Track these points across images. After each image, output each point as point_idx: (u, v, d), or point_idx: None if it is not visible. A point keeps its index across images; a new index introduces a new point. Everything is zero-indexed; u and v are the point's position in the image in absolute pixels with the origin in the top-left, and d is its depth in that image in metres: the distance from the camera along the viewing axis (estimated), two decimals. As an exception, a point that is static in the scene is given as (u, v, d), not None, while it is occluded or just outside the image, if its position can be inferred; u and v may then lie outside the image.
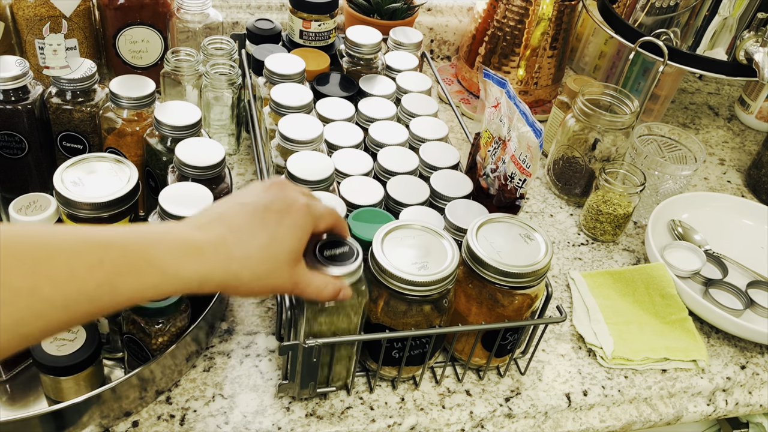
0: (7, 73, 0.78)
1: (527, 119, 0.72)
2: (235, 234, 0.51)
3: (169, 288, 0.48)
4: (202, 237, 0.50)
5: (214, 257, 0.49)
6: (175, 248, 0.48)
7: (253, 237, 0.51)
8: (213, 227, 0.51)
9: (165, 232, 0.49)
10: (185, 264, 0.48)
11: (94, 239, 0.45)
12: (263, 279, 0.52)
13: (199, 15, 1.03)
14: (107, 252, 0.44)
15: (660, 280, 0.88)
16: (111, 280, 0.44)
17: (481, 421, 0.75)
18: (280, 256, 0.53)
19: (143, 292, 0.46)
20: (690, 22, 1.04)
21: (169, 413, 0.69)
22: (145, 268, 0.46)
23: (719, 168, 1.21)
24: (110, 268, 0.44)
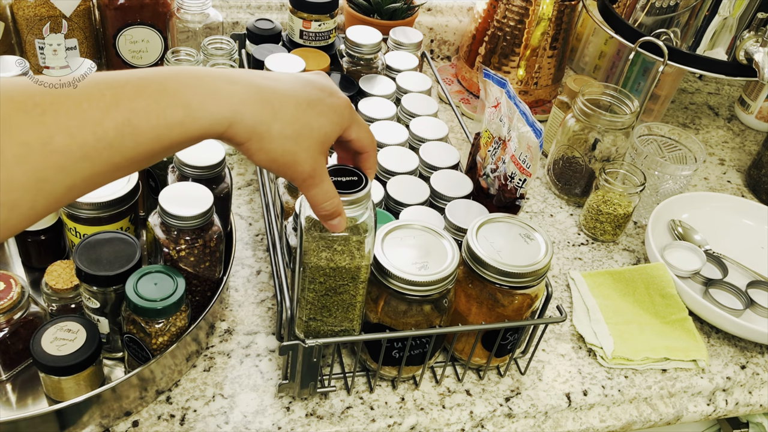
0: (7, 73, 0.78)
1: (527, 119, 0.72)
2: (274, 82, 0.47)
3: (195, 126, 0.43)
4: (237, 73, 0.45)
5: (248, 93, 0.44)
6: (201, 79, 0.43)
7: (292, 95, 0.47)
8: (248, 72, 0.46)
9: (189, 67, 0.44)
10: (214, 95, 0.43)
11: (107, 80, 0.41)
12: (290, 141, 0.47)
13: (199, 15, 1.03)
14: (123, 90, 0.40)
15: (660, 280, 0.88)
16: (130, 120, 0.40)
17: (481, 421, 0.75)
18: (313, 129, 0.48)
19: (168, 131, 0.42)
20: (690, 22, 1.04)
21: (169, 413, 0.69)
22: (166, 103, 0.41)
23: (719, 168, 1.21)
24: (127, 106, 0.40)
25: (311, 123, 0.48)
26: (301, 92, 0.48)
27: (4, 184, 0.37)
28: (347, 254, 0.60)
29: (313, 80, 0.50)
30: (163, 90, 0.42)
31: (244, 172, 1.00)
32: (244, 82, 0.45)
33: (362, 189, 0.55)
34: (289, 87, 0.48)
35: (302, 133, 0.47)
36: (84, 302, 0.69)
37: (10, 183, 0.37)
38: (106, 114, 0.40)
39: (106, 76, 0.41)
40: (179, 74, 0.43)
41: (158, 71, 0.43)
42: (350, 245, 0.59)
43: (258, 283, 0.84)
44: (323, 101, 0.49)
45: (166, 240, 0.68)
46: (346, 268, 0.61)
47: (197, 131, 0.43)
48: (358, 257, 0.60)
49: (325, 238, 0.58)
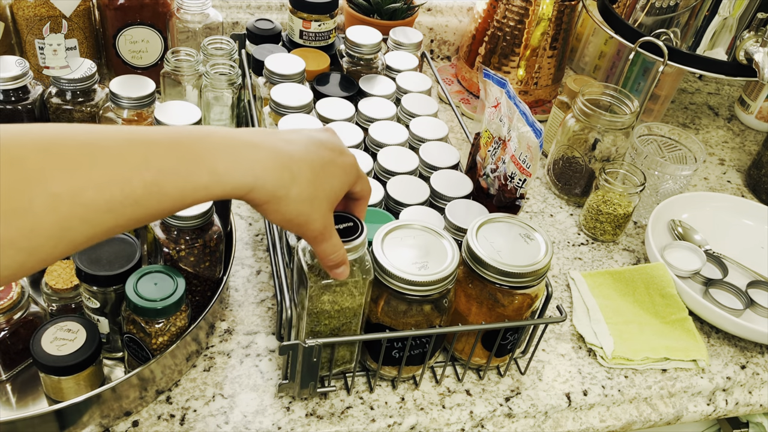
0: (7, 73, 0.78)
1: (527, 119, 0.72)
2: (292, 146, 0.49)
3: (218, 190, 0.45)
4: (260, 137, 0.47)
5: (270, 159, 0.47)
6: (227, 143, 0.45)
7: (308, 159, 0.49)
8: (269, 135, 0.48)
9: (216, 129, 0.46)
10: (238, 161, 0.45)
11: (139, 138, 0.42)
12: (305, 203, 0.50)
13: (199, 15, 1.03)
14: (153, 151, 0.42)
15: (660, 280, 0.88)
16: (158, 181, 0.42)
17: (481, 421, 0.75)
18: (325, 190, 0.51)
19: (193, 194, 0.44)
20: (690, 22, 1.04)
21: (169, 413, 0.69)
22: (193, 167, 0.43)
23: (719, 168, 1.21)
24: (156, 168, 0.42)
25: (324, 185, 0.51)
26: (315, 155, 0.51)
27: (30, 231, 0.38)
28: (348, 294, 0.64)
29: (325, 141, 0.53)
30: (191, 154, 0.44)
31: (244, 172, 0.99)
32: (267, 147, 0.47)
33: (360, 235, 0.60)
34: (305, 150, 0.50)
35: (316, 196, 0.51)
36: (84, 302, 0.69)
37: (35, 230, 0.38)
38: (135, 173, 0.41)
39: (139, 133, 0.43)
40: (208, 137, 0.45)
41: (189, 132, 0.45)
42: (350, 286, 0.63)
43: (258, 283, 0.84)
44: (335, 162, 0.52)
45: (166, 240, 0.68)
46: (349, 307, 0.65)
47: (220, 194, 0.45)
48: (359, 296, 0.64)
49: (328, 284, 0.62)
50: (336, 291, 0.63)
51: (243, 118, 1.02)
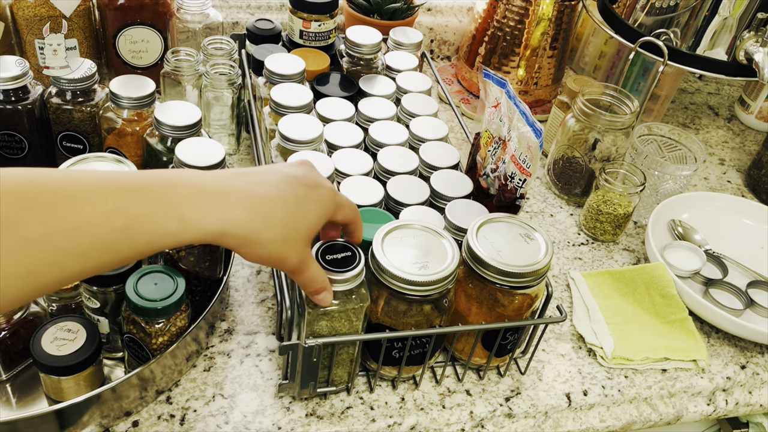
0: (7, 73, 0.78)
1: (527, 119, 0.72)
2: (263, 188, 0.50)
3: (188, 236, 0.45)
4: (229, 184, 0.48)
5: (239, 206, 0.47)
6: (197, 192, 0.46)
7: (281, 199, 0.50)
8: (241, 179, 0.49)
9: (187, 176, 0.47)
10: (207, 209, 0.46)
11: (109, 185, 0.43)
12: (278, 244, 0.50)
13: (199, 15, 1.03)
14: (124, 198, 0.43)
15: (660, 280, 0.88)
16: (127, 228, 0.43)
17: (482, 421, 0.75)
18: (300, 228, 0.52)
19: (161, 240, 0.45)
20: (690, 22, 1.04)
21: (169, 413, 0.69)
22: (163, 215, 0.44)
23: (719, 168, 1.21)
24: (126, 215, 0.43)
25: (298, 223, 0.52)
26: (289, 194, 0.51)
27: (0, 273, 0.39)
28: (345, 320, 0.65)
29: (300, 177, 0.53)
30: (161, 201, 0.44)
31: (244, 172, 0.99)
32: (237, 193, 0.48)
33: (357, 266, 0.62)
34: (278, 190, 0.51)
35: (290, 235, 0.51)
36: (84, 302, 0.69)
37: (6, 272, 0.39)
38: (104, 220, 0.42)
39: (109, 179, 0.44)
40: (178, 185, 0.45)
41: (160, 179, 0.45)
42: (348, 312, 0.64)
43: (258, 283, 0.84)
44: (309, 197, 0.53)
45: (166, 240, 0.67)
46: (347, 333, 0.66)
47: (189, 240, 0.46)
48: (356, 321, 0.65)
49: (325, 311, 0.63)
50: (334, 317, 0.64)
51: (243, 118, 1.02)
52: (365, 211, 0.74)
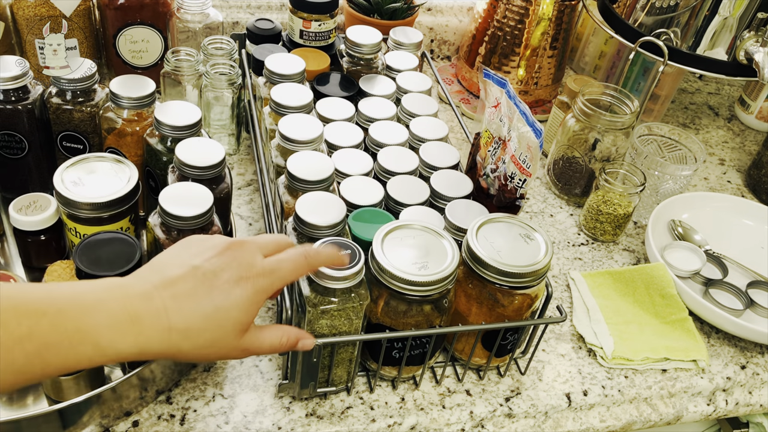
0: (7, 73, 0.78)
1: (527, 119, 0.72)
2: (178, 302, 0.49)
3: (103, 360, 0.46)
4: (142, 306, 0.47)
5: (153, 328, 0.47)
6: (112, 319, 0.45)
7: (197, 306, 0.49)
8: (155, 295, 0.48)
9: (104, 298, 0.46)
10: (122, 336, 0.46)
11: (24, 307, 0.43)
12: (205, 348, 0.50)
13: (199, 15, 1.03)
14: (38, 323, 0.42)
15: (660, 280, 0.88)
16: (41, 353, 0.42)
17: (482, 421, 0.75)
18: (225, 327, 0.50)
19: (76, 364, 0.45)
20: (690, 22, 1.04)
21: (169, 413, 0.69)
22: (77, 341, 0.44)
23: (719, 168, 1.21)
24: (40, 340, 0.42)
25: (223, 324, 0.50)
26: (204, 298, 0.49)
27: None
28: (345, 319, 0.65)
29: (217, 272, 0.50)
30: (76, 328, 0.44)
31: (244, 172, 1.00)
32: (152, 315, 0.47)
33: (357, 264, 0.62)
34: (194, 300, 0.49)
35: (216, 336, 0.50)
36: (84, 302, 0.69)
37: None
38: (18, 345, 0.42)
39: (26, 301, 0.43)
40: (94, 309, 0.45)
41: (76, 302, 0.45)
42: (348, 311, 0.64)
43: (258, 283, 0.84)
44: (231, 294, 0.50)
45: (166, 240, 0.68)
46: (347, 332, 0.65)
47: (105, 362, 0.47)
48: (356, 320, 0.65)
49: (326, 309, 0.63)
50: (334, 315, 0.64)
51: (243, 118, 1.02)
52: (365, 211, 0.74)
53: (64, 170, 0.73)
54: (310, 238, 0.68)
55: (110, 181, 0.73)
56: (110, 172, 0.74)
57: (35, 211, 0.75)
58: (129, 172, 0.74)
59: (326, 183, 0.74)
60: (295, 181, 0.72)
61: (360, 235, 0.71)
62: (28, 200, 0.76)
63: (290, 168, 0.73)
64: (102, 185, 0.72)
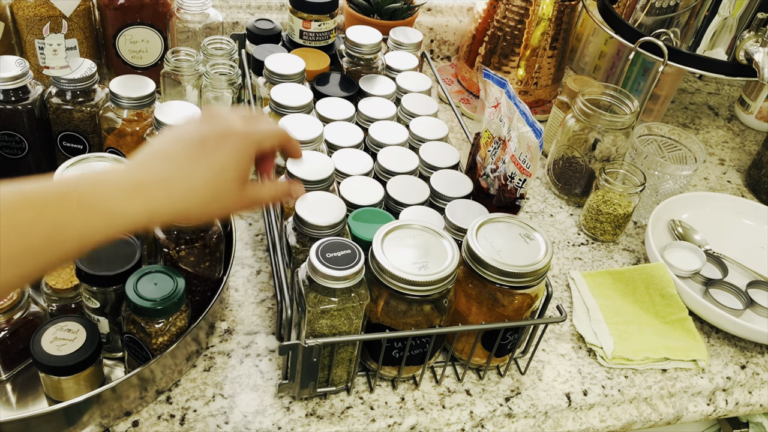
0: (7, 73, 0.78)
1: (527, 119, 0.72)
2: (174, 167, 0.51)
3: (117, 229, 0.47)
4: (143, 175, 0.50)
5: (157, 193, 0.50)
6: (117, 189, 0.48)
7: (194, 168, 0.52)
8: (152, 164, 0.51)
9: (104, 175, 0.49)
10: (130, 202, 0.48)
11: (32, 194, 0.45)
12: (212, 203, 0.53)
13: (199, 15, 1.03)
14: (47, 205, 0.44)
15: (660, 280, 0.88)
16: (56, 232, 0.44)
17: (481, 421, 0.75)
18: (224, 182, 0.53)
19: (92, 237, 0.46)
20: (690, 22, 1.04)
21: (169, 413, 0.69)
22: (89, 214, 0.46)
23: (719, 168, 1.21)
24: (53, 219, 0.44)
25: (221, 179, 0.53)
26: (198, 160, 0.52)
27: None
28: (345, 318, 0.65)
29: (205, 136, 0.53)
30: (84, 203, 0.46)
31: (244, 172, 0.99)
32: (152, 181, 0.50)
33: (357, 264, 0.62)
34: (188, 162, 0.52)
35: (218, 191, 0.53)
36: (84, 302, 0.69)
37: None
38: (33, 226, 0.43)
39: (29, 191, 0.45)
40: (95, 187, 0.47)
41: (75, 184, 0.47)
42: (347, 311, 0.64)
43: (258, 283, 0.84)
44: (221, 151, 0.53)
45: (166, 240, 0.68)
46: (347, 331, 0.66)
47: (119, 233, 0.48)
48: (356, 320, 0.65)
49: (326, 309, 0.63)
50: (334, 315, 0.64)
51: (243, 118, 1.02)
52: (365, 211, 0.74)
53: (64, 170, 0.73)
54: (311, 238, 0.68)
55: (110, 181, 0.73)
56: (110, 172, 0.74)
57: (35, 211, 0.75)
58: (129, 172, 0.74)
59: (326, 183, 0.74)
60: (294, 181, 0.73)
61: (360, 235, 0.71)
62: (28, 200, 0.76)
63: (290, 168, 0.73)
64: (102, 185, 0.72)
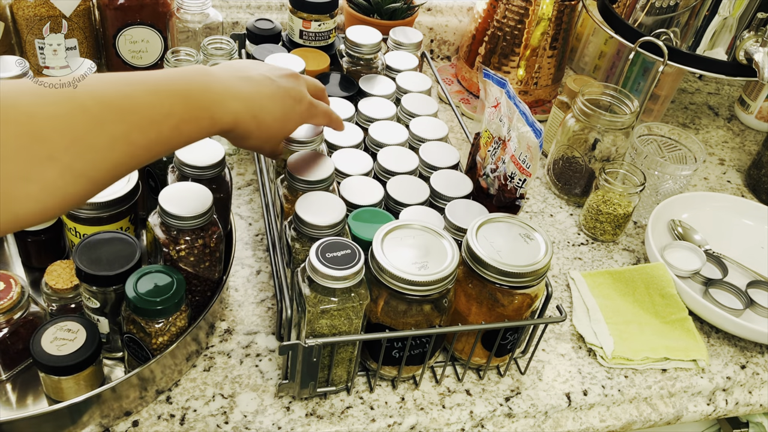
0: (7, 73, 0.78)
1: (527, 119, 0.72)
2: (262, 97, 0.61)
3: (211, 131, 0.57)
4: (241, 89, 0.59)
5: (247, 109, 0.59)
6: (221, 96, 0.57)
7: (272, 110, 0.62)
8: (247, 86, 0.60)
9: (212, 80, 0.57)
10: (228, 109, 0.57)
11: (163, 90, 0.52)
12: (262, 140, 0.63)
13: (199, 15, 1.03)
14: (174, 102, 0.53)
15: (660, 279, 0.88)
16: (179, 126, 0.53)
17: (481, 421, 0.75)
18: (281, 131, 0.65)
19: (198, 134, 0.56)
20: (690, 22, 1.04)
21: (169, 413, 0.69)
22: (200, 115, 0.55)
23: (719, 168, 1.21)
24: (179, 116, 0.53)
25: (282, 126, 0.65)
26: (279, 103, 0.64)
27: (95, 164, 0.48)
28: (345, 318, 0.65)
29: (289, 89, 0.65)
30: (199, 104, 0.55)
31: (244, 172, 1.00)
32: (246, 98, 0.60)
33: (357, 264, 0.63)
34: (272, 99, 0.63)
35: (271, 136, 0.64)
36: (84, 302, 0.69)
37: (98, 164, 0.48)
38: (165, 120, 0.52)
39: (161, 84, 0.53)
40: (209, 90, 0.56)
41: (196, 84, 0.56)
42: (347, 311, 0.64)
43: (258, 283, 0.84)
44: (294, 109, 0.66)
45: (166, 240, 0.68)
46: (347, 331, 0.66)
47: (212, 134, 0.58)
48: (356, 320, 0.65)
49: (326, 309, 0.63)
50: (333, 315, 0.64)
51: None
52: (365, 211, 0.74)
53: (64, 170, 0.72)
54: (310, 238, 0.68)
55: (110, 181, 0.73)
56: (110, 172, 0.74)
57: (35, 211, 0.75)
58: (129, 172, 0.74)
59: (326, 183, 0.74)
60: (295, 181, 0.73)
61: (360, 235, 0.71)
62: (28, 200, 0.76)
63: (290, 168, 0.73)
64: (102, 185, 0.72)
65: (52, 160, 0.45)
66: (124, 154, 0.49)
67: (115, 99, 0.49)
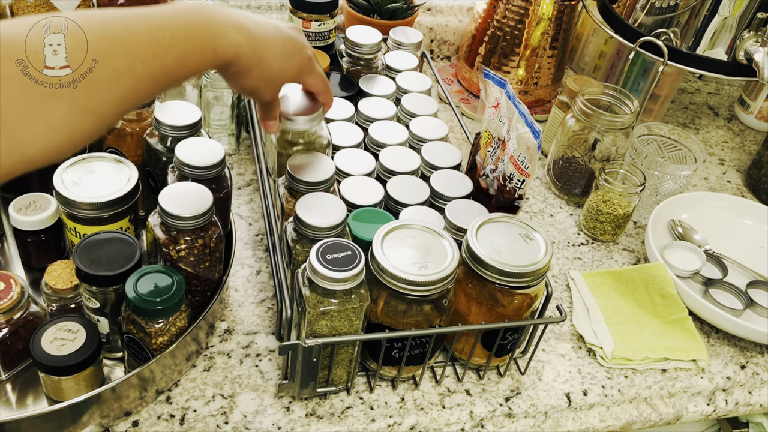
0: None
1: (526, 120, 0.72)
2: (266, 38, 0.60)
3: (213, 64, 0.56)
4: (245, 23, 0.58)
5: (249, 44, 0.58)
6: (223, 28, 0.56)
7: (274, 52, 0.61)
8: (251, 22, 0.59)
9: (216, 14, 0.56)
10: (230, 40, 0.56)
11: (164, 23, 0.52)
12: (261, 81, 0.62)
13: (199, 15, 1.03)
14: (177, 34, 0.52)
15: (660, 279, 0.88)
16: (183, 57, 0.52)
17: (481, 421, 0.75)
18: (279, 77, 0.64)
19: (201, 67, 0.55)
20: (690, 22, 1.04)
21: (169, 413, 0.69)
22: (204, 47, 0.54)
23: (719, 168, 1.21)
24: (182, 48, 0.52)
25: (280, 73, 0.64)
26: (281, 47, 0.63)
27: (101, 99, 0.47)
28: (345, 319, 0.64)
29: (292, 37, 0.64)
30: (203, 36, 0.54)
31: (244, 172, 1.00)
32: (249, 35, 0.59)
33: (357, 265, 0.62)
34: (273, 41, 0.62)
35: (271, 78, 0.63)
36: (84, 302, 0.69)
37: (104, 99, 0.47)
38: (168, 52, 0.51)
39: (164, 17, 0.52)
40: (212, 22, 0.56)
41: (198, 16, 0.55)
42: (348, 312, 0.64)
43: (258, 283, 0.84)
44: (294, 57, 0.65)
45: (166, 240, 0.68)
46: (347, 332, 0.65)
47: (213, 67, 0.57)
48: (356, 321, 0.65)
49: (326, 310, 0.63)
50: (334, 316, 0.64)
51: (243, 118, 1.02)
52: (365, 211, 0.74)
53: (64, 170, 0.73)
54: (310, 239, 0.68)
55: (110, 181, 0.73)
56: (110, 172, 0.74)
57: (35, 211, 0.75)
58: (129, 172, 0.74)
59: (327, 184, 0.74)
60: (295, 181, 0.73)
61: (360, 235, 0.71)
62: (28, 200, 0.76)
63: (291, 169, 0.73)
64: (102, 185, 0.72)
65: (57, 98, 0.45)
66: (129, 87, 0.49)
67: (116, 33, 0.49)
